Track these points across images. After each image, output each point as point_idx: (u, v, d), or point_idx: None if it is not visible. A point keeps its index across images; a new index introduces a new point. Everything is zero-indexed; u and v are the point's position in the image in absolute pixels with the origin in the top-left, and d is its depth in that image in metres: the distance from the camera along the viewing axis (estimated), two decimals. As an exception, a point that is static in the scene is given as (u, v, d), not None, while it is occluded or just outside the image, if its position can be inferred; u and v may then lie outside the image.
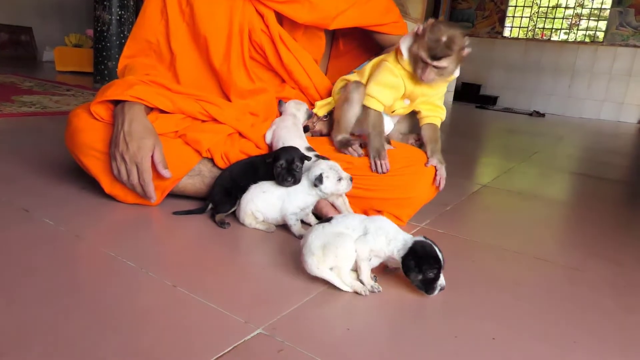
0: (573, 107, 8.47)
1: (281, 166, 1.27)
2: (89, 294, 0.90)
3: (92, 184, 1.43)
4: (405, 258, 0.99)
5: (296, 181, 1.28)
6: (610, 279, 1.23)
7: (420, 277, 0.98)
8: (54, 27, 7.04)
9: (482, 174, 2.58)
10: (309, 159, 1.32)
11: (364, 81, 1.47)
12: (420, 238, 1.01)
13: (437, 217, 1.58)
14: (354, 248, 1.00)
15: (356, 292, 0.99)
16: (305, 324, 0.87)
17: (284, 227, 1.32)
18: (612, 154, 3.94)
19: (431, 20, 1.36)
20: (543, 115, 7.72)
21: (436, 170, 1.43)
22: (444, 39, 1.30)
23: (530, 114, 7.61)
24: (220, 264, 1.10)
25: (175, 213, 1.34)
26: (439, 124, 1.50)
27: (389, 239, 1.01)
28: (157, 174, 1.31)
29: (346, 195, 1.43)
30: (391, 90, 1.42)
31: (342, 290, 0.99)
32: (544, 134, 4.99)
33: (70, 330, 0.78)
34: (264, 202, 1.29)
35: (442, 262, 0.98)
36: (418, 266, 0.97)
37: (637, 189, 2.63)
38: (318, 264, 0.99)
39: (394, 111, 1.51)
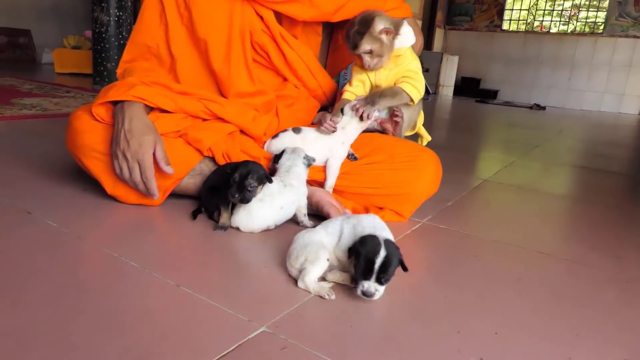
0: (573, 99, 8.47)
1: (234, 180, 1.21)
2: (92, 295, 0.90)
3: (93, 185, 1.44)
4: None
5: (243, 200, 1.21)
6: (612, 273, 1.23)
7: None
8: (52, 29, 7.04)
9: (483, 169, 2.58)
10: (270, 180, 1.25)
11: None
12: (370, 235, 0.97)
13: (438, 213, 1.59)
14: (326, 258, 1.00)
15: (320, 296, 0.96)
16: (309, 321, 0.87)
17: (285, 225, 1.33)
18: (613, 146, 3.94)
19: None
20: (544, 108, 7.71)
21: (360, 109, 1.43)
22: (355, 27, 1.42)
23: (531, 107, 7.60)
24: (223, 263, 1.10)
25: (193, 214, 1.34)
26: (407, 90, 1.49)
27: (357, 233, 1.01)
28: (159, 173, 1.32)
29: (348, 193, 1.44)
30: (360, 83, 1.57)
31: (344, 287, 1.00)
32: (545, 127, 4.98)
33: (74, 332, 0.78)
34: (274, 211, 1.29)
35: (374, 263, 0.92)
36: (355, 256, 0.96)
37: (639, 182, 2.63)
38: (291, 266, 1.02)
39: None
